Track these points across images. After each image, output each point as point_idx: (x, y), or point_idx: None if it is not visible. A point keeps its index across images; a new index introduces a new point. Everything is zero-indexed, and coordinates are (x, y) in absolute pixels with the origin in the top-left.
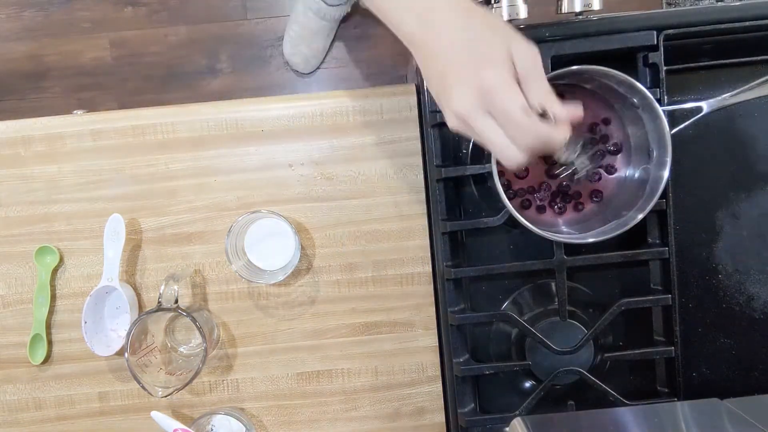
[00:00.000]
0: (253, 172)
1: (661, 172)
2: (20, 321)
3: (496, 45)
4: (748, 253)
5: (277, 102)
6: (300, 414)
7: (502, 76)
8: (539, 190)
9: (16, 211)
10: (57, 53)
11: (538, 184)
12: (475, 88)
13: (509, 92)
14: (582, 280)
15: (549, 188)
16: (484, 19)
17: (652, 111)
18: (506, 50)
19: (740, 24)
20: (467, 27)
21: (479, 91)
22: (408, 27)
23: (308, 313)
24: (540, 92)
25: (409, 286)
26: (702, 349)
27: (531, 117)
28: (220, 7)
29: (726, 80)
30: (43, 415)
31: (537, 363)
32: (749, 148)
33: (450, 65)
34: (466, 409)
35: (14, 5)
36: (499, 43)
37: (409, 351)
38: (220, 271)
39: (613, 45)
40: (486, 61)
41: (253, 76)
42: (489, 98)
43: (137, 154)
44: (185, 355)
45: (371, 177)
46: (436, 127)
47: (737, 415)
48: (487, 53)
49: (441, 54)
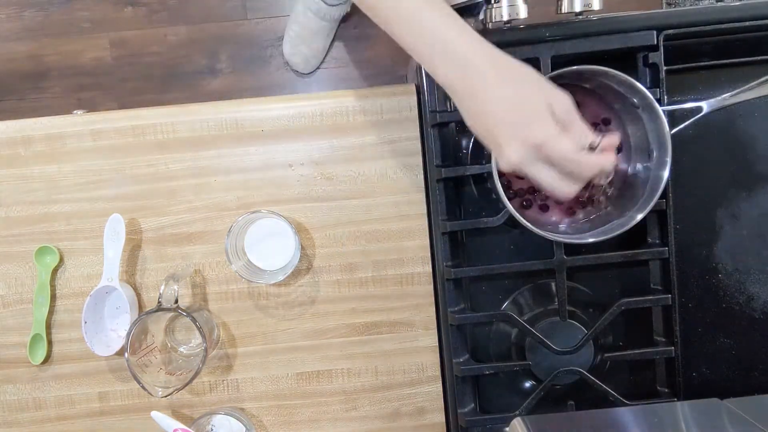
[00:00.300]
0: (253, 172)
1: (661, 172)
2: (20, 321)
3: (536, 99)
4: (748, 253)
5: (277, 102)
6: (300, 414)
7: (549, 130)
8: (540, 191)
9: (16, 211)
10: (57, 53)
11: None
12: (527, 144)
13: (560, 141)
14: (582, 280)
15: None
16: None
17: (652, 111)
18: (545, 102)
19: (740, 24)
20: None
21: (531, 146)
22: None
23: (308, 313)
24: (582, 132)
25: (409, 286)
26: (702, 349)
27: (584, 154)
28: (220, 7)
29: (726, 80)
30: (43, 415)
31: (537, 363)
32: (749, 148)
33: (499, 123)
34: (466, 409)
35: (14, 5)
36: (538, 96)
37: (409, 351)
38: (220, 271)
39: (613, 45)
40: (532, 117)
41: (253, 76)
42: (542, 150)
43: (137, 154)
44: (185, 355)
45: (371, 177)
46: (436, 127)
47: (737, 415)
48: (532, 109)
49: (488, 112)
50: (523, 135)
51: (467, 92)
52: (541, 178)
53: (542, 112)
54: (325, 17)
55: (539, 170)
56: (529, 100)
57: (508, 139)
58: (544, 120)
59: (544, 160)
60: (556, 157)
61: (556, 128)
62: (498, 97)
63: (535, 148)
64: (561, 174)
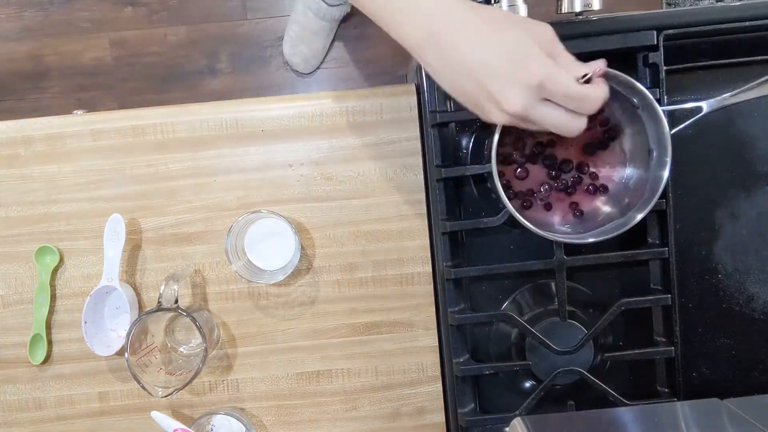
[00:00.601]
0: (253, 172)
1: (661, 172)
2: (20, 321)
3: (524, 38)
4: (748, 253)
5: (277, 102)
6: (300, 414)
7: (545, 65)
8: (540, 191)
9: (16, 211)
10: (57, 53)
11: (538, 185)
12: (529, 84)
13: (560, 76)
14: (582, 280)
15: (550, 189)
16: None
17: (652, 111)
18: (531, 37)
19: (740, 24)
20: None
21: (533, 86)
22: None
23: (308, 313)
24: (571, 63)
25: (409, 286)
26: (702, 349)
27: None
28: (220, 7)
29: (726, 80)
30: (43, 415)
31: (537, 363)
32: (749, 148)
33: (491, 72)
34: (466, 409)
35: (14, 5)
36: (525, 34)
37: (409, 351)
38: (220, 271)
39: (613, 45)
40: (527, 57)
41: (253, 76)
42: (543, 89)
43: (137, 154)
44: (185, 355)
45: (371, 177)
46: (436, 127)
47: (737, 415)
48: (523, 49)
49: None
50: (522, 77)
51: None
52: (550, 118)
53: (534, 49)
54: (325, 17)
55: (545, 111)
56: (517, 41)
57: (504, 85)
58: (539, 57)
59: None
60: (561, 95)
61: (551, 61)
62: (484, 43)
63: (538, 88)
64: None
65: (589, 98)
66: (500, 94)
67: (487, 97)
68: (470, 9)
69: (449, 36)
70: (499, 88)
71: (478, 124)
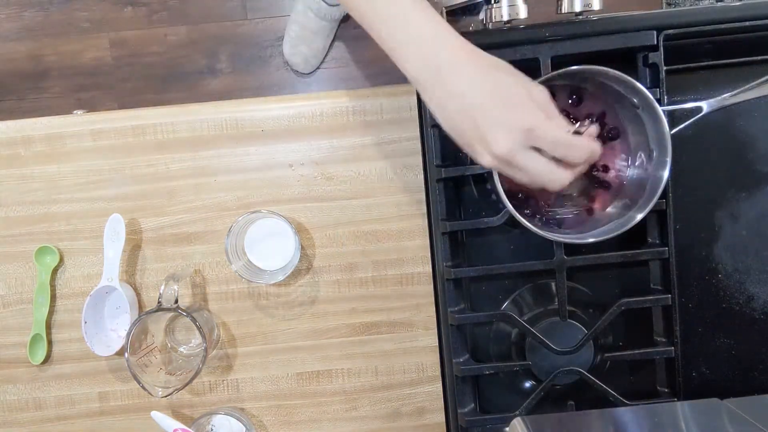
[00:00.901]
0: (253, 172)
1: (661, 172)
2: (20, 321)
3: (518, 87)
4: (748, 253)
5: (277, 102)
6: (300, 414)
7: (537, 114)
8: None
9: (16, 211)
10: (57, 53)
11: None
12: (517, 129)
13: (549, 125)
14: (582, 280)
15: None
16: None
17: (652, 111)
18: (526, 91)
19: (740, 24)
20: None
21: (520, 131)
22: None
23: (308, 313)
24: (563, 122)
25: (409, 286)
26: (702, 349)
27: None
28: (220, 7)
29: (726, 80)
30: (43, 415)
31: (537, 363)
32: (749, 148)
33: (484, 116)
34: (466, 409)
35: (14, 5)
36: (518, 84)
37: (409, 351)
38: (220, 271)
39: (613, 45)
40: (518, 103)
41: (253, 76)
42: (531, 135)
43: (137, 154)
44: (185, 355)
45: (371, 177)
46: (436, 127)
47: (737, 415)
48: (516, 96)
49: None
50: (512, 120)
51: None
52: (534, 167)
53: (526, 98)
54: (325, 17)
55: (530, 158)
56: (511, 88)
57: (494, 126)
58: (530, 105)
59: (533, 146)
60: (549, 140)
61: (542, 113)
62: (479, 86)
63: (525, 133)
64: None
65: (579, 145)
66: (489, 134)
67: (478, 137)
68: (474, 53)
69: (451, 75)
70: (488, 129)
71: None
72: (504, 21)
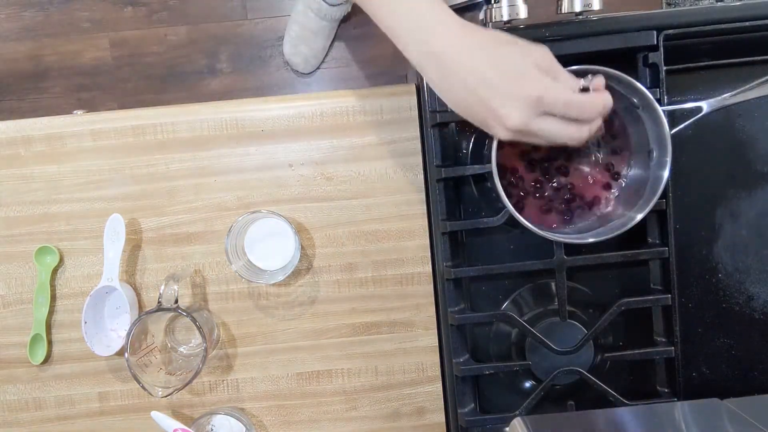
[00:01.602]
0: (253, 172)
1: (661, 172)
2: (20, 321)
3: (521, 58)
4: (748, 253)
5: (277, 102)
6: (300, 414)
7: (542, 80)
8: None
9: (16, 211)
10: (57, 53)
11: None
12: (527, 100)
13: (556, 88)
14: (582, 280)
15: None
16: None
17: (652, 111)
18: (528, 57)
19: (740, 24)
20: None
21: (531, 101)
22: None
23: (308, 313)
24: (570, 79)
25: (409, 286)
26: (702, 349)
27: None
28: (220, 7)
29: (726, 80)
30: (43, 415)
31: (537, 363)
32: (749, 148)
33: (491, 89)
34: (466, 409)
35: (14, 5)
36: (521, 54)
37: (409, 351)
38: (220, 271)
39: (613, 45)
40: (523, 74)
41: (253, 76)
42: (542, 103)
43: (137, 154)
44: (185, 355)
45: (371, 177)
46: (436, 127)
47: (737, 415)
48: (520, 67)
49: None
50: (520, 92)
51: (448, 70)
52: (550, 130)
53: (530, 67)
54: (325, 17)
55: (545, 124)
56: (515, 60)
57: (504, 102)
58: (535, 74)
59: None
60: (559, 105)
61: (549, 78)
62: (482, 63)
63: (536, 102)
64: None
65: (590, 103)
66: (501, 110)
67: (490, 114)
68: (471, 29)
69: (451, 55)
70: (499, 105)
71: None
72: (504, 21)
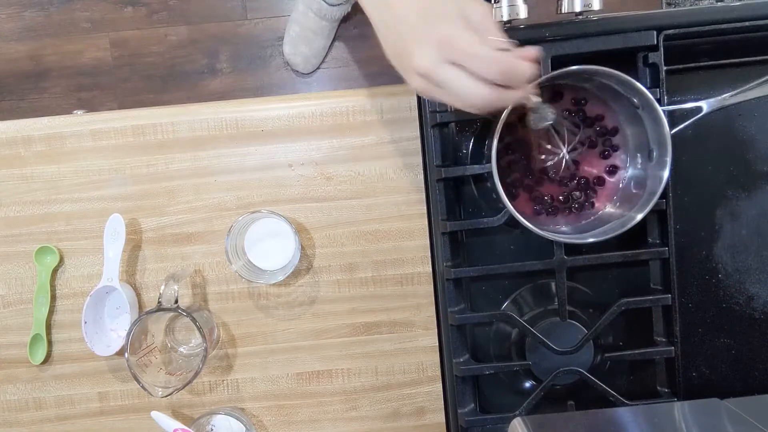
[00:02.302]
0: (253, 172)
1: (661, 172)
2: (20, 321)
3: (449, 5)
4: (748, 253)
5: (277, 102)
6: (300, 414)
7: (457, 27)
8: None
9: (16, 211)
10: (57, 53)
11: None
12: (434, 42)
13: (466, 36)
14: (582, 280)
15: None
16: None
17: (652, 111)
18: (458, 7)
19: (740, 24)
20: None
21: (438, 44)
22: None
23: (308, 313)
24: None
25: (409, 286)
26: (702, 349)
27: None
28: (220, 7)
29: (726, 80)
30: (43, 415)
31: (537, 363)
32: (749, 148)
33: (407, 29)
34: (466, 409)
35: (15, 5)
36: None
37: (409, 351)
38: (220, 271)
39: (613, 45)
40: (440, 17)
41: (253, 76)
42: (449, 47)
43: (137, 154)
44: (185, 355)
45: (371, 177)
46: (436, 127)
47: (737, 415)
48: (440, 11)
49: (400, 21)
50: (431, 34)
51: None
52: (451, 83)
53: (452, 12)
54: (325, 17)
55: (449, 74)
56: (443, 5)
57: (416, 41)
58: (453, 20)
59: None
60: (469, 55)
61: (466, 27)
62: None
63: (443, 44)
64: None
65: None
66: (410, 47)
67: (403, 54)
68: None
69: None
70: (410, 43)
71: (478, 124)
72: (504, 21)
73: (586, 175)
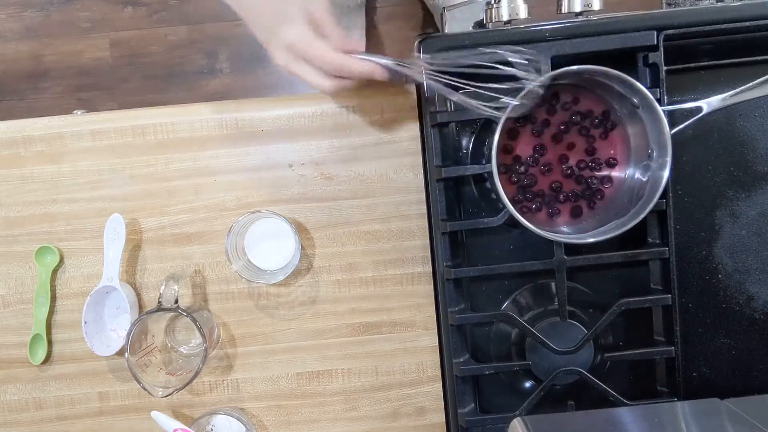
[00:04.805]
0: (253, 172)
1: (661, 172)
2: (20, 321)
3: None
4: (748, 253)
5: (277, 102)
6: (300, 414)
7: (300, 30)
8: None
9: (16, 211)
10: (57, 53)
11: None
12: (283, 44)
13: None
14: (582, 280)
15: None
16: None
17: (652, 111)
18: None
19: (740, 24)
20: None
21: (286, 48)
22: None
23: (308, 313)
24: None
25: (409, 286)
26: (702, 349)
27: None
28: (219, 7)
29: (726, 80)
30: (43, 415)
31: (537, 363)
32: (749, 148)
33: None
34: (466, 409)
35: (15, 5)
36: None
37: (409, 351)
38: (220, 271)
39: (613, 45)
40: (286, 19)
41: (253, 76)
42: (295, 50)
43: (137, 154)
44: (185, 355)
45: (371, 177)
46: (436, 127)
47: (737, 415)
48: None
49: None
50: (280, 35)
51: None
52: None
53: (298, 15)
54: None
55: (300, 69)
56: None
57: (270, 41)
58: (299, 22)
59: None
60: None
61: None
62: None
63: (290, 48)
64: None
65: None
66: (268, 46)
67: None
68: None
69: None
70: (267, 44)
71: (478, 124)
72: (504, 21)
73: (586, 175)
